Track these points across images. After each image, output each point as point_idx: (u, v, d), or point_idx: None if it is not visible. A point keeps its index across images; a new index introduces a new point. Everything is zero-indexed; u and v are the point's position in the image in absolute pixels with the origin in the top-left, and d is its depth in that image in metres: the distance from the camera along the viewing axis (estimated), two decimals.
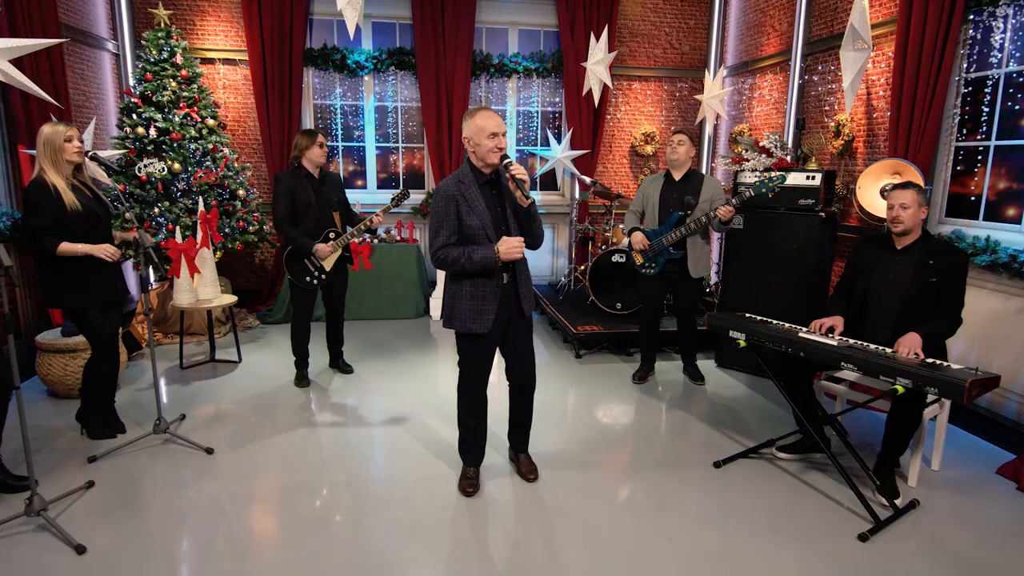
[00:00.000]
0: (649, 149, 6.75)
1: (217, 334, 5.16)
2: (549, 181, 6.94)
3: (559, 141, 6.45)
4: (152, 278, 5.84)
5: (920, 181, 3.77)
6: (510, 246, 2.60)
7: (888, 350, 2.78)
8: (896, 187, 3.00)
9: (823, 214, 4.15)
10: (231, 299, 4.61)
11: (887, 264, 3.06)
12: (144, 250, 3.06)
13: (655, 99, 6.78)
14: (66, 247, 2.98)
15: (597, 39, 5.82)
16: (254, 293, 6.23)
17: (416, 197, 6.56)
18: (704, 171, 6.87)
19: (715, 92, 6.00)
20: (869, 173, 4.02)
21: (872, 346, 2.83)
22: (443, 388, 4.24)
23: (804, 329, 3.06)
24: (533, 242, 2.75)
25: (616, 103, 6.71)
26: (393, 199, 4.06)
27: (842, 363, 2.70)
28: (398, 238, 6.13)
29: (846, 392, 3.32)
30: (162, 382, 4.25)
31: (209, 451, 3.22)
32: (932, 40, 3.87)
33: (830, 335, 2.97)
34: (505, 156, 2.58)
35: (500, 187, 2.69)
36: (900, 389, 2.51)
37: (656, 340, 4.42)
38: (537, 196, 6.82)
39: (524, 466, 3.03)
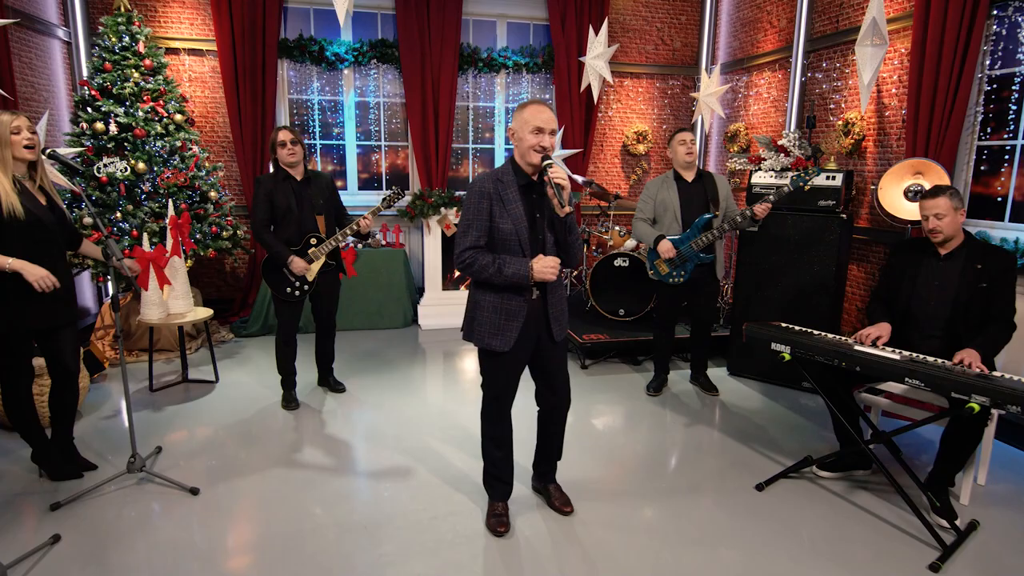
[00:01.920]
0: (641, 148, 6.53)
1: (188, 350, 4.69)
2: None
3: None
4: (111, 289, 5.31)
5: (945, 179, 3.64)
6: (545, 265, 2.31)
7: (946, 362, 2.60)
8: (926, 195, 2.82)
9: (844, 215, 3.99)
10: (206, 312, 4.17)
11: (931, 271, 2.89)
12: (116, 261, 2.64)
13: (647, 96, 6.58)
14: None
15: (596, 33, 5.57)
16: (226, 303, 5.75)
17: (401, 200, 6.18)
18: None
19: (711, 90, 5.81)
20: (891, 174, 3.87)
21: (930, 359, 2.64)
22: (446, 407, 3.91)
23: (852, 340, 2.86)
24: (569, 259, 2.44)
25: (607, 100, 6.47)
26: (384, 200, 3.71)
27: (906, 379, 2.49)
28: (384, 243, 5.75)
29: (886, 404, 3.15)
30: (120, 409, 3.78)
31: (194, 491, 2.81)
32: (953, 36, 3.74)
33: (878, 346, 2.78)
34: (547, 157, 2.28)
35: (543, 192, 2.39)
36: (976, 407, 2.31)
37: (672, 348, 4.18)
38: None
39: (557, 498, 2.73)
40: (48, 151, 2.68)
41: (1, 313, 2.56)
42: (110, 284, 5.29)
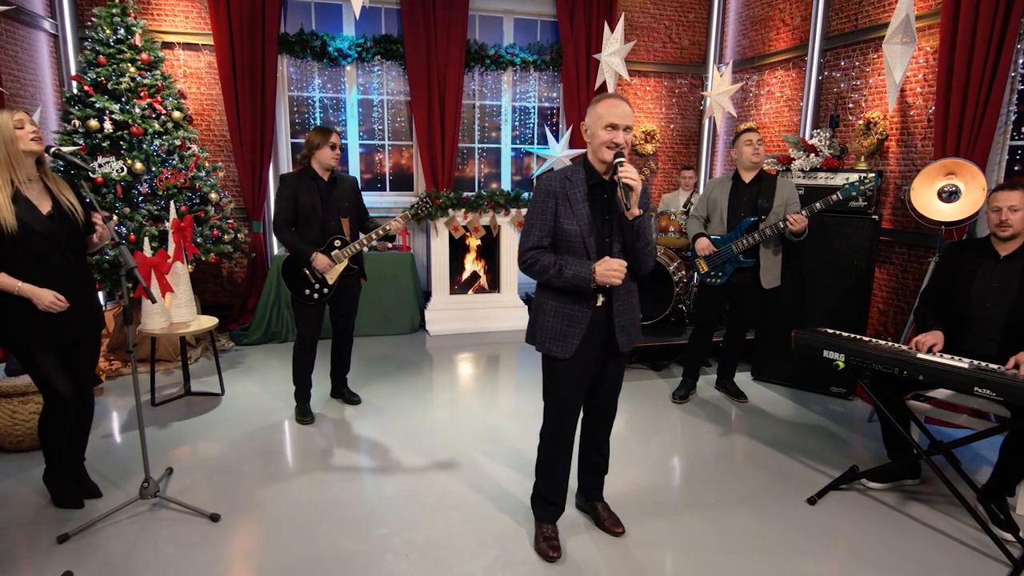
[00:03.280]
0: (649, 148, 6.42)
1: (188, 359, 4.44)
2: None
3: (557, 139, 6.02)
4: (103, 300, 5.04)
5: (981, 179, 3.57)
6: (608, 267, 2.13)
7: (1002, 367, 2.51)
8: (1001, 188, 2.76)
9: (875, 217, 3.90)
10: (211, 321, 3.94)
11: (989, 272, 2.80)
12: (128, 270, 2.42)
13: (655, 95, 6.46)
14: (1, 282, 2.30)
15: (612, 29, 5.43)
16: (223, 310, 5.50)
17: (406, 200, 6.00)
18: (704, 172, 6.62)
19: (723, 88, 5.71)
20: (924, 174, 3.78)
21: (994, 366, 2.54)
22: (471, 417, 3.74)
23: (909, 347, 2.76)
24: (637, 265, 2.25)
25: None
26: (412, 209, 3.55)
27: (975, 388, 2.38)
28: (389, 246, 5.55)
29: (927, 410, 3.06)
30: (122, 426, 3.54)
31: (214, 518, 2.60)
32: (985, 35, 3.68)
33: (934, 353, 2.68)
34: (620, 155, 2.13)
35: (614, 192, 2.23)
36: None
37: (707, 353, 4.07)
38: None
39: (607, 518, 2.58)
40: (52, 150, 2.46)
41: (23, 331, 2.40)
42: (102, 295, 5.01)
